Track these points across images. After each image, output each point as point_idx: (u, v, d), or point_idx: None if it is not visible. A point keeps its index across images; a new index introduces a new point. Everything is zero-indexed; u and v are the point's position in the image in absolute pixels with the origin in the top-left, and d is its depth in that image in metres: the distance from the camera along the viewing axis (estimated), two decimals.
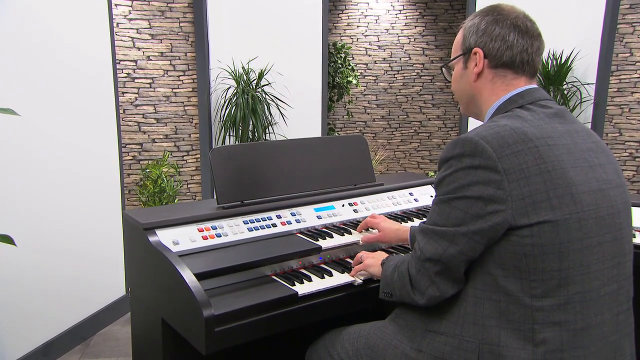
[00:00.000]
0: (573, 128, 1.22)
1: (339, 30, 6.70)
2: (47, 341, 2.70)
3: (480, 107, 1.33)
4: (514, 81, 1.27)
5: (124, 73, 4.04)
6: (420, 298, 1.22)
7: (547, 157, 1.11)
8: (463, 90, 1.36)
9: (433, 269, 1.19)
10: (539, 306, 1.09)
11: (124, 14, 3.99)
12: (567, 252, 1.09)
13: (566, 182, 1.10)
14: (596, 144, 1.23)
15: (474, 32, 1.29)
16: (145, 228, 1.60)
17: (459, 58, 1.34)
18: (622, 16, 4.14)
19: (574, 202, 1.10)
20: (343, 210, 1.97)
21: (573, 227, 1.09)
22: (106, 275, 3.13)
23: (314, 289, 1.53)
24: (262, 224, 1.78)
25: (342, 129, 6.89)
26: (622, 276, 1.18)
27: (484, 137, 1.12)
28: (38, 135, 2.58)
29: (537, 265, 1.09)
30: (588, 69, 4.20)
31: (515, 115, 1.20)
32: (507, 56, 1.25)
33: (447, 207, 1.16)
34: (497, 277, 1.13)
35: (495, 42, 1.25)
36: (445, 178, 1.17)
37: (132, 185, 4.21)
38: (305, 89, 4.42)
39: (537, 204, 1.08)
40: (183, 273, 1.42)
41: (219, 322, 1.34)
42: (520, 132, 1.12)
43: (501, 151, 1.10)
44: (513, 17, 1.26)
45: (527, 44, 1.25)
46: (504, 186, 1.08)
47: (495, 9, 1.29)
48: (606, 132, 4.29)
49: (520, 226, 1.08)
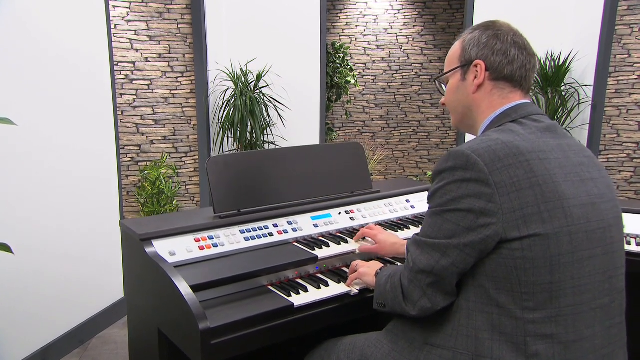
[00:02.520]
0: (565, 142, 1.23)
1: (337, 29, 6.70)
2: (46, 345, 2.71)
3: (476, 119, 1.34)
4: (510, 95, 1.30)
5: (122, 75, 4.04)
6: (412, 309, 1.23)
7: (539, 170, 1.12)
8: (459, 102, 1.37)
9: (425, 280, 1.20)
10: (530, 319, 1.11)
11: (122, 16, 3.98)
12: (558, 265, 1.10)
13: (557, 195, 1.12)
14: (588, 159, 1.24)
15: (475, 44, 1.31)
16: (142, 239, 1.61)
17: (457, 70, 1.36)
18: (620, 17, 4.13)
19: (565, 216, 1.11)
20: (340, 218, 1.98)
21: (564, 240, 1.10)
22: (104, 278, 3.14)
23: (310, 299, 1.53)
24: (258, 234, 1.79)
25: (341, 129, 6.89)
26: (614, 290, 1.19)
27: (475, 150, 1.14)
28: (35, 139, 2.58)
29: (528, 278, 1.10)
30: (586, 70, 4.20)
31: (507, 130, 1.21)
32: (508, 70, 1.28)
33: (440, 220, 1.18)
34: (489, 290, 1.14)
35: (497, 55, 1.28)
36: (438, 191, 1.19)
37: (131, 187, 4.21)
38: (303, 90, 4.42)
39: (528, 217, 1.09)
40: (179, 285, 1.42)
41: (215, 334, 1.35)
42: (512, 146, 1.14)
43: (492, 165, 1.11)
44: (512, 34, 1.30)
45: (526, 60, 1.29)
46: (495, 199, 1.10)
47: (494, 25, 1.32)
48: (604, 134, 4.30)
49: (511, 239, 1.10)
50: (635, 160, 4.28)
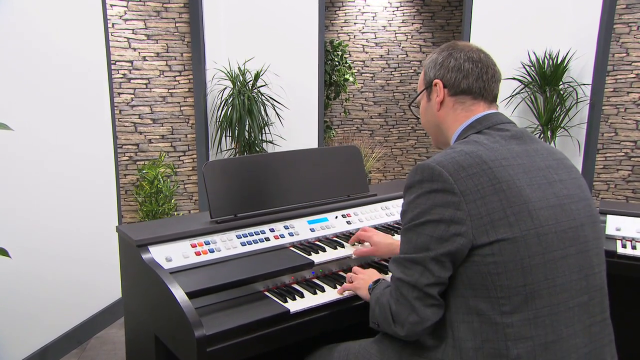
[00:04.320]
0: (532, 148, 1.28)
1: (335, 27, 6.68)
2: (44, 345, 2.72)
3: (446, 135, 1.41)
4: (472, 107, 1.36)
5: (119, 74, 4.04)
6: (400, 329, 1.23)
7: (502, 177, 1.17)
8: (429, 122, 1.46)
9: (411, 295, 1.21)
10: (509, 322, 1.13)
11: (119, 15, 3.98)
12: (530, 267, 1.13)
13: (522, 199, 1.15)
14: (558, 161, 1.29)
15: (432, 66, 1.41)
16: (138, 245, 1.61)
17: (423, 93, 1.45)
18: (618, 16, 4.13)
19: (531, 218, 1.15)
20: (336, 222, 1.98)
21: (532, 242, 1.14)
22: (102, 279, 3.14)
23: (306, 305, 1.54)
24: (255, 238, 1.79)
25: (339, 126, 6.89)
26: (592, 288, 1.21)
27: (439, 162, 1.19)
28: (31, 141, 2.58)
29: (502, 282, 1.13)
30: (584, 69, 4.19)
31: (471, 141, 1.27)
32: (464, 84, 1.35)
33: (414, 235, 1.21)
34: (468, 299, 1.17)
35: (452, 72, 1.36)
36: (410, 205, 1.23)
37: (129, 186, 4.22)
38: (301, 89, 4.41)
39: (495, 222, 1.13)
40: (175, 292, 1.43)
41: (210, 342, 1.36)
42: (474, 155, 1.19)
43: (457, 174, 1.16)
44: (467, 51, 1.37)
45: (481, 71, 1.35)
46: (462, 207, 1.14)
47: (450, 46, 1.41)
48: (602, 132, 4.30)
49: (481, 244, 1.13)
50: (633, 158, 4.29)
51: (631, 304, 2.30)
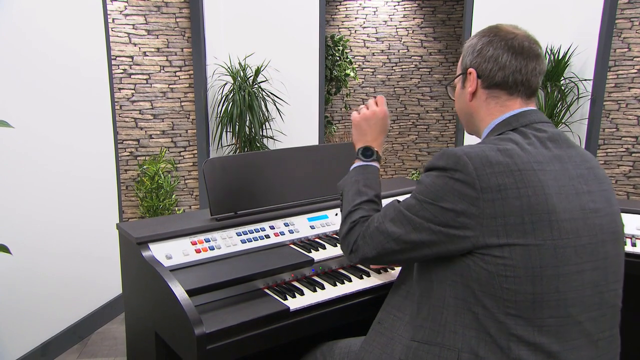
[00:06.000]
0: (566, 153, 1.22)
1: (336, 22, 6.66)
2: (45, 341, 2.73)
3: (478, 126, 1.36)
4: (508, 102, 1.29)
5: (120, 69, 4.03)
6: (347, 252, 1.37)
7: (530, 181, 1.12)
8: (462, 109, 1.39)
9: (381, 241, 1.27)
10: (513, 324, 1.11)
11: (120, 10, 3.96)
12: (540, 276, 1.10)
13: (546, 208, 1.11)
14: (589, 170, 1.23)
15: (470, 52, 1.32)
16: (139, 242, 1.61)
17: (459, 77, 1.38)
18: (620, 11, 4.11)
19: (551, 229, 1.11)
20: (336, 219, 1.98)
21: (547, 253, 1.10)
22: (103, 274, 3.15)
23: (306, 303, 1.54)
24: (255, 236, 1.79)
25: (340, 122, 6.88)
26: (605, 304, 1.18)
27: (467, 153, 1.15)
28: (31, 138, 2.58)
29: (510, 286, 1.11)
30: (585, 64, 4.18)
31: (506, 138, 1.21)
32: (499, 77, 1.27)
33: (421, 206, 1.20)
34: (475, 291, 1.15)
35: (488, 63, 1.28)
36: (427, 183, 1.21)
37: (130, 181, 4.22)
38: (302, 85, 4.40)
39: (509, 226, 1.10)
40: (175, 289, 1.43)
41: (210, 340, 1.36)
42: (506, 154, 1.14)
43: (482, 169, 1.12)
44: (509, 38, 1.27)
45: (520, 64, 1.26)
46: (478, 203, 1.11)
47: (493, 30, 1.31)
48: (603, 128, 4.29)
49: (490, 245, 1.11)
50: (634, 154, 4.28)
51: (630, 303, 2.30)
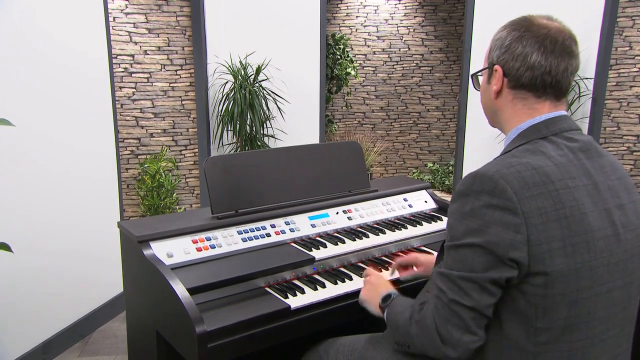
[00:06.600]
0: (598, 163, 1.17)
1: (337, 20, 6.65)
2: (47, 339, 2.73)
3: (503, 124, 1.28)
4: (536, 105, 1.20)
5: (121, 67, 4.03)
6: (453, 351, 1.11)
7: (567, 201, 1.07)
8: (486, 104, 1.31)
9: (468, 315, 1.09)
10: (539, 352, 1.08)
11: (121, 8, 3.96)
12: (576, 300, 1.07)
13: (583, 228, 1.07)
14: (619, 181, 1.18)
15: (499, 46, 1.22)
16: (140, 241, 1.62)
17: (485, 70, 1.29)
18: (621, 9, 4.10)
19: (588, 250, 1.07)
20: (337, 218, 1.99)
21: (584, 275, 1.07)
22: (104, 272, 3.15)
23: (306, 302, 1.55)
24: (256, 234, 1.80)
25: (341, 120, 6.88)
26: (626, 320, 1.17)
27: (503, 175, 1.07)
28: (32, 136, 2.58)
29: (547, 314, 1.07)
30: (587, 63, 4.17)
31: (538, 150, 1.14)
32: (526, 77, 1.17)
33: (469, 252, 1.09)
34: (503, 322, 1.11)
35: (515, 61, 1.18)
36: (463, 216, 1.11)
37: (131, 180, 4.22)
38: (303, 83, 4.40)
39: (553, 252, 1.05)
40: (176, 288, 1.43)
41: (211, 338, 1.37)
42: (541, 172, 1.09)
43: (521, 193, 1.06)
44: (542, 34, 1.16)
45: (551, 65, 1.15)
46: (523, 230, 1.05)
47: (524, 23, 1.20)
48: (604, 127, 4.29)
49: (535, 273, 1.05)
50: (635, 153, 4.27)
51: None
